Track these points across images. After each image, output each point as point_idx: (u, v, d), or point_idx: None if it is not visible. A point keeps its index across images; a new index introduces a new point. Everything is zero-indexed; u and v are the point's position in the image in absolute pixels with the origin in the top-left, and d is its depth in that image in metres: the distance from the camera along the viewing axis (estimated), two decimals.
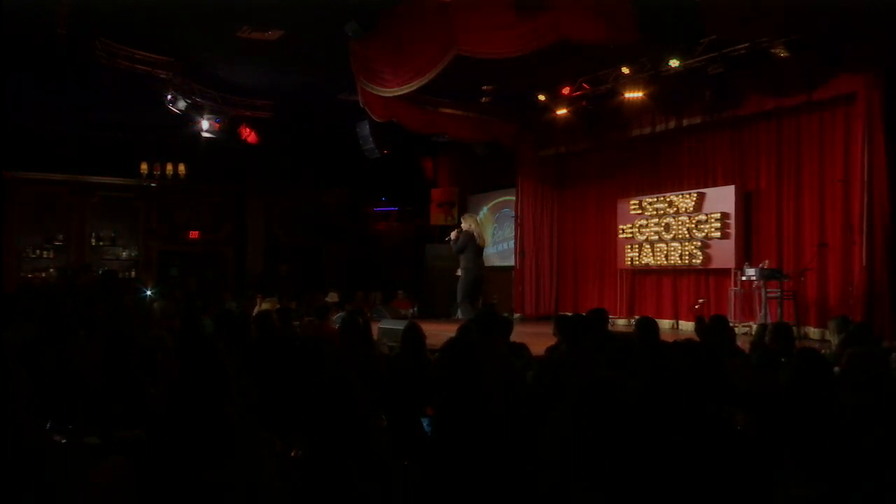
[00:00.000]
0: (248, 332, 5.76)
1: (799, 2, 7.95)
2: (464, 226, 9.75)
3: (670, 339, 4.77)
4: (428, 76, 9.35)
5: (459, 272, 9.75)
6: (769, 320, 8.58)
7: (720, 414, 2.83)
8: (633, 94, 10.57)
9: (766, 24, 8.44)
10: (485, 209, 16.45)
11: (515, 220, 14.47)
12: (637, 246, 12.66)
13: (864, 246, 8.84)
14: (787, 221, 10.57)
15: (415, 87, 9.84)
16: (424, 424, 3.82)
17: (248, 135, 13.36)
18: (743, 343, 6.87)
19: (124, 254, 16.01)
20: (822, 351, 5.43)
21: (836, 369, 4.43)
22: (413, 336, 5.04)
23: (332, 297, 14.25)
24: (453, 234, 9.74)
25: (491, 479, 2.58)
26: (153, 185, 15.47)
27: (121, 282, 14.86)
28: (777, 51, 8.99)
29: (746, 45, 9.32)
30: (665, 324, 11.82)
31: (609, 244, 13.46)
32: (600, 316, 5.87)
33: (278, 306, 9.74)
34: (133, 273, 15.79)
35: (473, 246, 9.60)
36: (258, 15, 9.70)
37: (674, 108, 11.44)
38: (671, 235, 12.10)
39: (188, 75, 11.98)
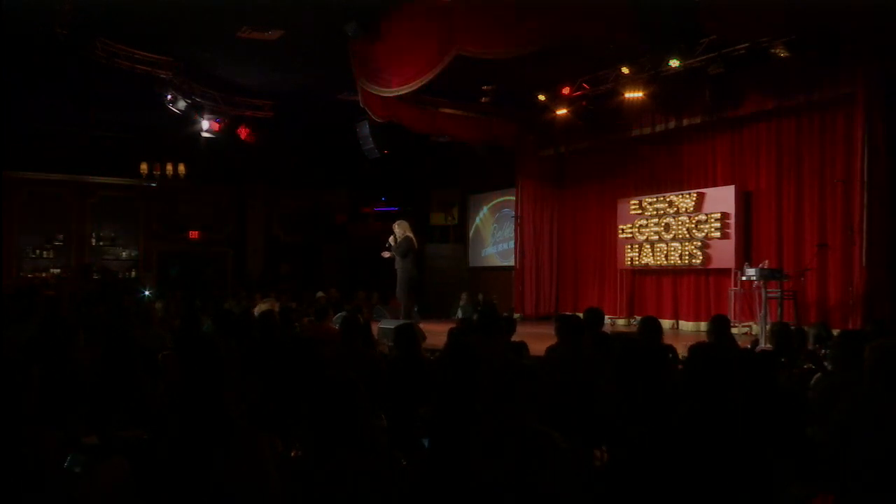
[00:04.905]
0: (249, 333, 5.76)
1: (799, 2, 7.95)
2: (398, 231, 10.34)
3: (672, 340, 4.78)
4: (428, 76, 9.36)
5: (399, 273, 10.48)
6: (769, 320, 8.57)
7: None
8: (633, 94, 10.57)
9: (766, 24, 8.44)
10: (485, 209, 16.46)
11: (515, 220, 14.47)
12: (637, 246, 12.67)
13: (864, 246, 8.85)
14: (787, 221, 10.58)
15: (415, 87, 9.85)
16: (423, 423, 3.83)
17: (245, 133, 13.37)
18: (743, 343, 6.88)
19: (124, 254, 16.00)
20: (822, 352, 5.44)
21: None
22: (406, 335, 5.03)
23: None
24: (392, 240, 10.36)
25: (489, 479, 2.58)
26: (153, 185, 15.46)
27: (121, 282, 14.87)
28: (777, 51, 8.99)
29: (746, 45, 9.33)
30: (665, 324, 11.82)
31: (609, 244, 13.46)
32: (595, 315, 5.87)
33: (277, 306, 9.73)
34: (133, 273, 15.79)
35: (413, 250, 10.47)
36: (258, 15, 9.70)
37: (674, 108, 11.44)
38: (671, 235, 12.10)
39: (188, 75, 11.99)
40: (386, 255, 10.57)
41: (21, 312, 6.92)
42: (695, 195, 11.74)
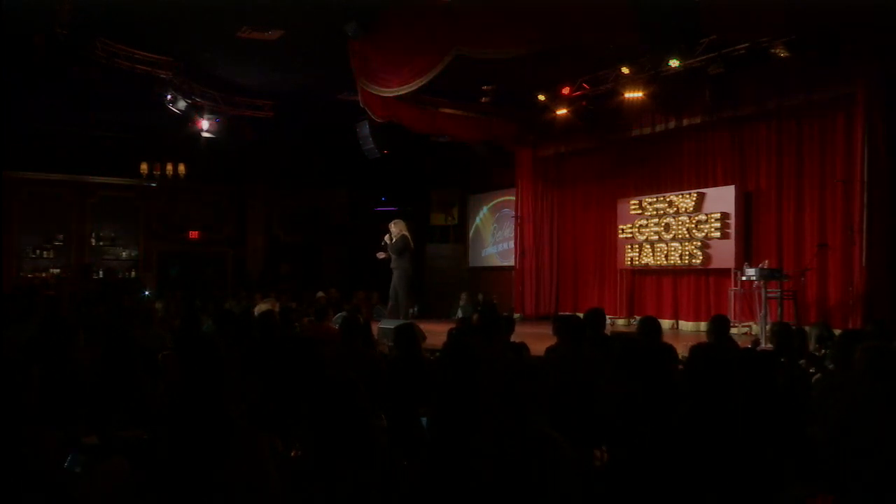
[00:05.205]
0: (249, 333, 5.75)
1: (799, 2, 7.95)
2: (395, 230, 10.33)
3: (672, 340, 4.77)
4: (428, 76, 9.36)
5: (395, 272, 10.48)
6: (769, 320, 8.58)
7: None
8: (633, 94, 10.56)
9: (766, 24, 8.44)
10: (485, 209, 16.46)
11: (515, 220, 14.47)
12: (637, 246, 12.66)
13: (864, 246, 8.85)
14: (787, 221, 10.58)
15: (415, 87, 9.85)
16: (423, 423, 3.83)
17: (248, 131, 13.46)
18: (743, 344, 6.88)
19: (124, 254, 16.01)
20: (823, 351, 5.44)
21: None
22: (406, 335, 5.03)
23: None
24: (387, 239, 10.34)
25: (489, 480, 2.58)
26: (153, 185, 15.47)
27: (121, 282, 14.86)
28: (777, 51, 8.99)
29: (746, 45, 9.32)
30: (665, 324, 11.82)
31: (609, 244, 13.46)
32: (597, 316, 5.86)
33: (277, 306, 9.74)
34: (133, 273, 15.79)
35: (409, 249, 10.52)
36: (258, 15, 9.70)
37: (674, 108, 11.44)
38: (671, 235, 12.10)
39: (188, 75, 11.98)
40: (381, 255, 10.57)
41: (21, 312, 6.92)
42: (695, 195, 11.74)
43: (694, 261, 11.74)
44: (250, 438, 2.55)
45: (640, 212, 12.65)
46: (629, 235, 12.82)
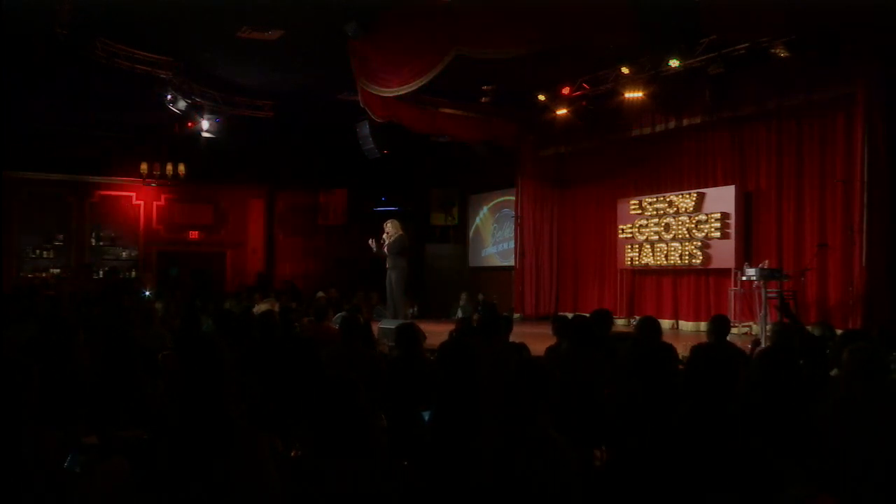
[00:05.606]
0: (249, 333, 5.75)
1: (799, 2, 7.96)
2: (391, 229, 10.33)
3: (673, 340, 4.77)
4: (428, 76, 9.36)
5: (392, 272, 10.43)
6: (769, 320, 8.57)
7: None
8: (633, 94, 10.57)
9: (766, 24, 8.45)
10: (485, 209, 16.45)
11: (515, 220, 14.47)
12: (637, 246, 12.67)
13: (864, 246, 8.85)
14: (787, 221, 10.58)
15: (415, 87, 9.86)
16: (424, 418, 3.83)
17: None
18: (743, 343, 6.87)
19: (124, 254, 15.99)
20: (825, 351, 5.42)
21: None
22: (408, 335, 5.02)
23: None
24: (386, 237, 10.29)
25: (489, 480, 2.58)
26: (153, 185, 15.48)
27: (122, 282, 14.86)
28: (777, 51, 8.99)
29: (746, 45, 9.33)
30: (665, 324, 11.82)
31: (609, 244, 13.46)
32: (604, 317, 5.85)
33: (277, 306, 9.74)
34: (133, 273, 15.78)
35: (406, 248, 10.60)
36: (258, 15, 9.70)
37: (674, 108, 11.44)
38: (671, 235, 12.10)
39: (188, 75, 11.99)
40: (372, 245, 10.54)
41: (21, 312, 6.92)
42: (695, 195, 11.75)
43: (694, 261, 11.74)
44: (250, 438, 2.55)
45: (640, 212, 12.65)
46: (629, 235, 12.82)
